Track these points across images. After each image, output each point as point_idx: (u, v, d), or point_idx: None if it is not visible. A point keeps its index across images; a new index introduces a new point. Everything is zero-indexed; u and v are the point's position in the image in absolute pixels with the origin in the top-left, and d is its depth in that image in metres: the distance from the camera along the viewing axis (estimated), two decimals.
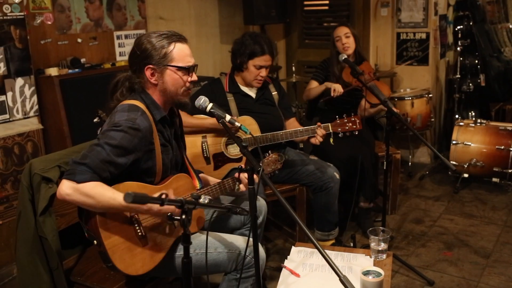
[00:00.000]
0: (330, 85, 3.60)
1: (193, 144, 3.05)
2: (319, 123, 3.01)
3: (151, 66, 2.06)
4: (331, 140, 3.03)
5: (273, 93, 3.35)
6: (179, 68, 2.08)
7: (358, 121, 2.99)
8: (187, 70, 2.10)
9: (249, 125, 3.06)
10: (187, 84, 2.13)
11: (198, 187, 2.31)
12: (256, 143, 2.06)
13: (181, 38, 2.12)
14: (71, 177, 1.85)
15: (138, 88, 2.12)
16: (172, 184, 2.16)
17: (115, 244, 1.93)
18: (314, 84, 3.85)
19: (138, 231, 2.00)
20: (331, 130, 3.01)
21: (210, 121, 2.98)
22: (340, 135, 3.02)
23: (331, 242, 3.40)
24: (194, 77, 2.14)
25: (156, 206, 1.87)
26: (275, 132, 3.03)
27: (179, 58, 2.08)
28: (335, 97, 3.54)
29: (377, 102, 3.53)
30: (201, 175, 2.48)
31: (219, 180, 2.42)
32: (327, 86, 3.63)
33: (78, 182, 1.84)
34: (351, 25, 4.06)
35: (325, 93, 3.66)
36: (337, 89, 3.54)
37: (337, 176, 3.25)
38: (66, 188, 1.84)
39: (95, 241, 1.94)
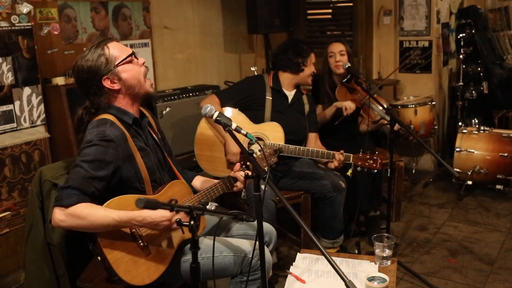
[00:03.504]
0: (340, 104, 3.51)
1: (218, 134, 3.19)
2: (342, 151, 3.02)
3: (105, 76, 2.07)
4: (350, 171, 3.03)
5: (305, 104, 3.45)
6: (125, 60, 2.11)
7: (379, 161, 2.97)
8: (133, 56, 2.14)
9: (274, 132, 3.17)
10: (143, 69, 2.17)
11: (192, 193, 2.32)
12: (262, 149, 2.08)
13: (108, 39, 2.15)
14: (59, 203, 1.88)
15: (105, 106, 2.13)
16: (168, 192, 2.16)
17: (118, 257, 1.95)
18: (318, 107, 3.76)
19: (140, 241, 2.02)
20: (351, 162, 3.02)
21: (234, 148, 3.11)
22: (358, 169, 3.02)
23: (336, 249, 3.41)
24: (142, 59, 2.18)
25: (151, 217, 1.89)
26: (299, 147, 3.09)
27: (119, 54, 2.11)
28: (348, 115, 3.46)
29: (377, 119, 3.54)
30: (197, 177, 2.50)
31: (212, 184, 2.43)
32: (337, 106, 3.53)
33: (67, 206, 1.86)
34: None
35: (338, 114, 3.54)
36: (348, 106, 3.44)
37: (343, 185, 3.28)
38: (59, 215, 1.87)
39: (99, 257, 1.97)
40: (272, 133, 3.17)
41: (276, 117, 3.26)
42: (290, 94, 3.40)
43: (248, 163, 2.31)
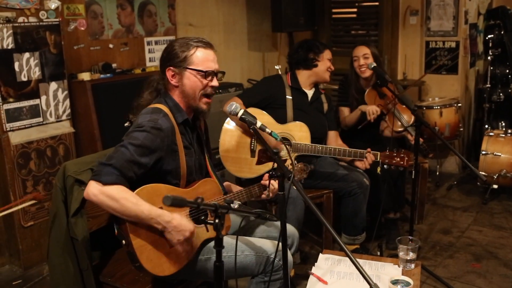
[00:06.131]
0: (365, 108, 3.47)
1: (243, 134, 3.17)
2: (369, 149, 3.03)
3: (171, 68, 2.14)
4: (379, 169, 3.01)
5: (324, 103, 3.44)
6: (198, 71, 2.12)
7: (406, 158, 2.94)
8: (205, 74, 2.13)
9: (300, 132, 3.16)
10: (207, 89, 2.16)
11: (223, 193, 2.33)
12: (288, 152, 2.06)
13: (206, 44, 2.16)
14: (97, 178, 1.89)
15: (162, 90, 2.21)
16: (199, 188, 2.19)
17: (143, 244, 1.96)
18: (345, 110, 3.72)
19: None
20: (379, 159, 3.01)
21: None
22: (385, 167, 3.00)
23: (355, 246, 3.39)
24: (215, 82, 2.17)
25: (177, 222, 1.91)
26: (327, 146, 3.12)
27: (198, 62, 2.12)
28: (373, 121, 3.43)
29: (401, 128, 3.49)
30: (225, 183, 2.50)
31: (242, 188, 2.43)
32: (362, 110, 3.50)
33: (104, 183, 1.88)
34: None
35: (362, 118, 3.50)
36: (372, 111, 3.41)
37: (367, 182, 3.26)
38: (94, 188, 1.89)
39: (123, 241, 1.98)
40: (298, 133, 3.16)
41: (298, 115, 3.25)
42: (309, 92, 3.38)
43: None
